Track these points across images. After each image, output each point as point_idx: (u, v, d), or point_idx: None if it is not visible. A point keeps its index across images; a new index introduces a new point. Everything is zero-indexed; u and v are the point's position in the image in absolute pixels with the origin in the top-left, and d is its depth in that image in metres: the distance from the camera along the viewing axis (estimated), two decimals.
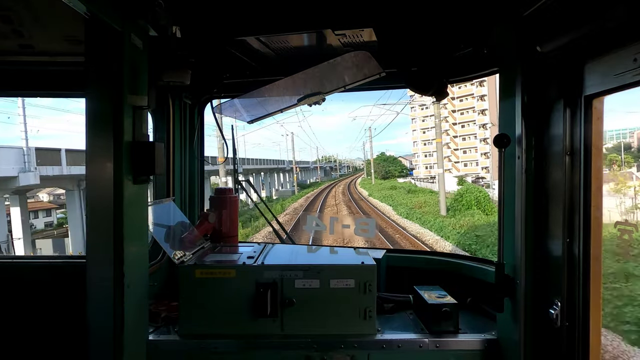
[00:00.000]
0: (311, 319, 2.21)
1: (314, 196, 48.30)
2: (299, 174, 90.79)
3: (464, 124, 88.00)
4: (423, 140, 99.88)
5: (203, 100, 3.18)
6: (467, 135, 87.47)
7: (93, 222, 1.97)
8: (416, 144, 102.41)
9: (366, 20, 2.19)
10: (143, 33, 2.05)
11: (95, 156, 1.95)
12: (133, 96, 1.98)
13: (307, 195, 50.51)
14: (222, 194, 2.90)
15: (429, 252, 3.30)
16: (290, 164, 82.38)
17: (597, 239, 1.73)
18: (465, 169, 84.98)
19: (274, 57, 2.70)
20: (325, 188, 66.72)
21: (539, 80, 1.89)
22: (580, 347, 1.76)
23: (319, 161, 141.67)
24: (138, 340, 2.13)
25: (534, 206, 1.93)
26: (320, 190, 60.10)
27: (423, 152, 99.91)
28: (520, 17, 1.88)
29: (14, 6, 2.01)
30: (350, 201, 40.28)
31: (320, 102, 2.93)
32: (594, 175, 1.72)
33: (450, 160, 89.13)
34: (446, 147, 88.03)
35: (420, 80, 2.53)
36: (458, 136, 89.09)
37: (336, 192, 55.60)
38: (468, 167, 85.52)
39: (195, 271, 2.21)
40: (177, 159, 3.04)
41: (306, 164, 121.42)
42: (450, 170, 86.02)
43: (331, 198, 44.68)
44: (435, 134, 29.57)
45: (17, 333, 2.82)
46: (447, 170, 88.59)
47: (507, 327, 2.07)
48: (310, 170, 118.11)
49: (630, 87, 1.50)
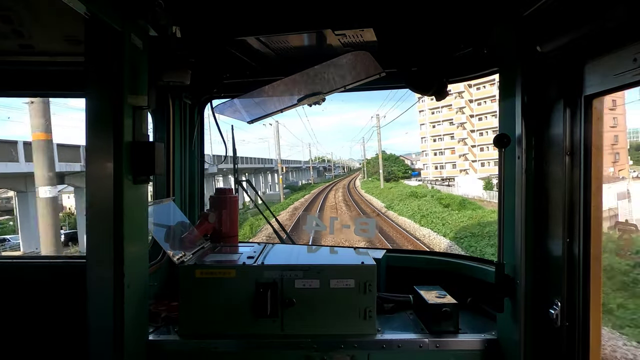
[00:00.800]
0: (311, 319, 2.21)
1: (304, 205, 35.80)
2: (286, 175, 79.77)
3: (481, 117, 75.14)
4: (433, 135, 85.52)
5: (203, 100, 3.18)
6: (486, 130, 73.85)
7: (93, 222, 1.97)
8: (425, 140, 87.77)
9: (366, 20, 2.19)
10: (143, 33, 2.05)
11: (95, 156, 1.95)
12: (133, 96, 1.98)
13: (294, 205, 36.02)
14: (222, 194, 2.91)
15: (429, 252, 3.30)
16: (284, 164, 72.24)
17: (597, 239, 1.73)
18: (482, 169, 72.01)
19: (274, 57, 2.70)
20: (319, 192, 53.77)
21: (539, 80, 1.89)
22: (580, 347, 1.76)
23: (311, 161, 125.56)
24: (138, 340, 2.13)
25: (534, 206, 1.93)
26: (313, 196, 46.77)
27: (432, 150, 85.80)
28: (520, 17, 1.88)
29: (14, 6, 2.01)
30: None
31: (320, 102, 2.93)
32: (594, 175, 1.72)
33: (467, 158, 77.92)
34: (462, 144, 78.85)
35: (420, 80, 2.53)
36: (475, 130, 76.35)
37: (336, 200, 41.99)
38: (485, 166, 72.10)
39: (195, 271, 2.21)
40: (177, 159, 3.05)
41: (297, 163, 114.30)
42: (468, 171, 75.12)
43: (330, 210, 31.45)
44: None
45: (17, 333, 2.82)
46: (464, 170, 75.33)
47: (507, 327, 2.07)
48: (303, 171, 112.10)
49: (630, 87, 1.50)
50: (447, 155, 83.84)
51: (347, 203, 38.81)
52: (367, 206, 36.55)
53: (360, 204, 36.91)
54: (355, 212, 30.86)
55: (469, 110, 77.44)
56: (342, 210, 32.07)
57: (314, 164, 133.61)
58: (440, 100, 2.58)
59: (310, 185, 76.90)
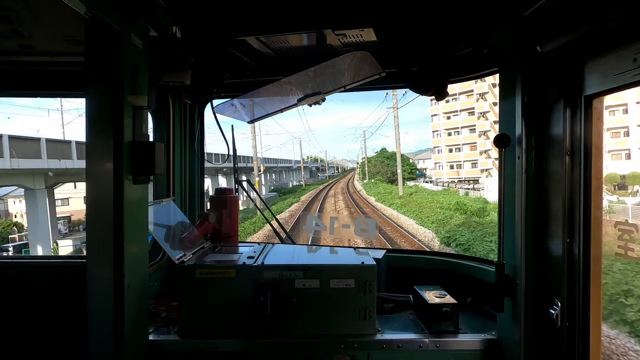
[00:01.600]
0: (311, 319, 2.21)
1: (290, 225, 22.89)
2: (275, 175, 67.45)
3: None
4: (448, 129, 70.97)
5: (203, 100, 3.18)
6: None
7: (93, 222, 1.97)
8: (438, 134, 74.33)
9: (366, 20, 2.19)
10: (143, 33, 2.05)
11: (95, 156, 1.95)
12: (133, 96, 1.98)
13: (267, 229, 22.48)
14: (222, 194, 2.91)
15: (429, 252, 3.30)
16: (272, 163, 63.18)
17: (597, 239, 1.73)
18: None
19: (274, 57, 2.70)
20: (313, 199, 41.56)
21: (539, 80, 1.89)
22: (580, 347, 1.76)
23: (303, 160, 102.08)
24: (138, 340, 2.13)
25: (534, 206, 1.93)
26: (305, 205, 34.83)
27: (447, 146, 71.71)
28: (520, 17, 1.88)
29: (14, 6, 2.01)
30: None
31: (320, 102, 2.93)
32: (594, 175, 1.72)
33: (489, 155, 64.19)
34: (484, 137, 65.04)
35: (420, 80, 2.53)
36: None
37: (340, 214, 28.22)
38: None
39: (195, 271, 2.21)
40: (177, 159, 3.05)
41: (288, 162, 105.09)
42: (490, 171, 61.24)
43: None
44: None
45: (17, 333, 2.82)
46: (486, 170, 63.12)
47: (507, 327, 2.07)
48: (294, 171, 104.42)
49: (630, 87, 1.50)
50: (466, 152, 69.77)
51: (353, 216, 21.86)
52: (400, 235, 21.14)
53: (385, 227, 23.10)
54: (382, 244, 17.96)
55: (492, 96, 61.83)
56: (358, 244, 16.67)
57: (306, 163, 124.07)
58: (440, 100, 2.59)
59: (302, 189, 64.41)
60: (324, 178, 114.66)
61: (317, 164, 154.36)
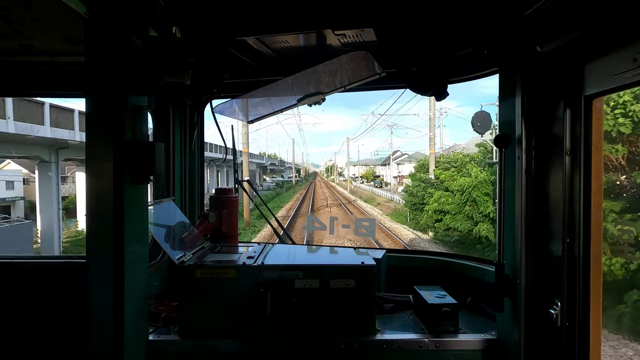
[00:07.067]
0: (311, 319, 2.21)
1: None
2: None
3: None
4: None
5: (203, 101, 3.18)
6: None
7: (93, 222, 1.97)
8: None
9: (366, 20, 2.19)
10: (143, 33, 2.04)
11: (95, 156, 1.95)
12: (133, 96, 1.98)
13: None
14: (222, 194, 2.91)
15: (429, 252, 3.30)
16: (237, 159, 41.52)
17: (597, 239, 1.73)
18: None
19: (274, 57, 2.70)
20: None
21: (539, 80, 1.89)
22: (580, 347, 1.76)
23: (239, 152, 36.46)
24: (138, 340, 2.13)
25: (534, 206, 1.93)
26: None
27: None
28: (520, 17, 1.88)
29: (14, 6, 2.01)
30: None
31: (320, 102, 2.93)
32: (594, 175, 1.72)
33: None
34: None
35: (420, 80, 2.53)
36: None
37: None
38: None
39: (195, 271, 2.21)
40: (177, 159, 3.04)
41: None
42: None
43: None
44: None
45: (17, 333, 2.82)
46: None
47: (507, 327, 2.07)
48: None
49: (630, 87, 1.50)
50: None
51: None
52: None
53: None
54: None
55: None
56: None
57: (257, 159, 76.14)
58: (440, 100, 2.58)
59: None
60: (271, 186, 68.45)
61: (274, 161, 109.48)
